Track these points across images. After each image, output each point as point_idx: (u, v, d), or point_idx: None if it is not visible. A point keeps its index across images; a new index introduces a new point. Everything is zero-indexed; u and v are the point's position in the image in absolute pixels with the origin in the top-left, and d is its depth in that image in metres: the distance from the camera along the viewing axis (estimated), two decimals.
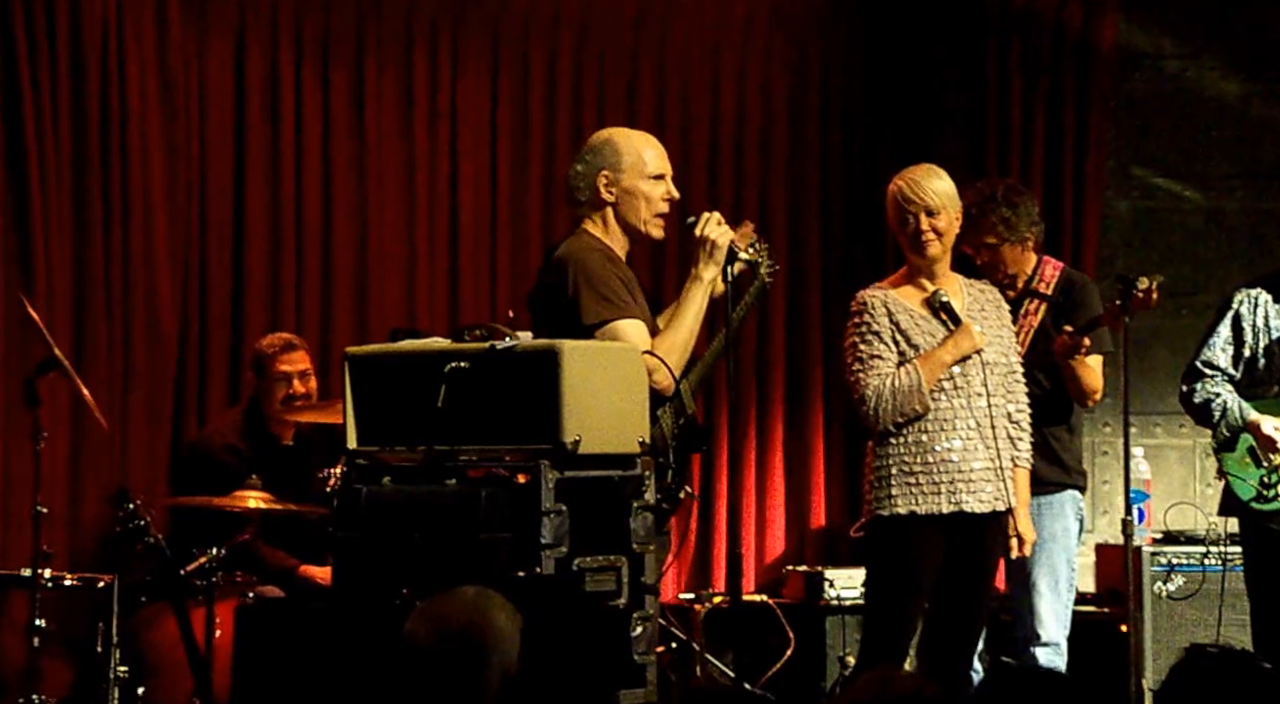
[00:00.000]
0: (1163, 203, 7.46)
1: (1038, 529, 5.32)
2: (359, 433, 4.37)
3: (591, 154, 4.75)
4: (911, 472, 4.92)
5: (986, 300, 5.12)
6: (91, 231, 6.32)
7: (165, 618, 5.46)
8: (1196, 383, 5.46)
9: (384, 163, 6.79)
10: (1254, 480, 5.38)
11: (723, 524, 7.02)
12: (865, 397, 4.94)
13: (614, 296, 4.57)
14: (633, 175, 4.70)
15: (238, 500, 5.64)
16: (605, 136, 4.80)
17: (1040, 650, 5.56)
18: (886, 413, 4.92)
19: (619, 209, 4.72)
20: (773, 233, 7.24)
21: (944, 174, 5.05)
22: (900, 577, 4.94)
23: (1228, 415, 5.40)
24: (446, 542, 4.15)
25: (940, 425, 4.93)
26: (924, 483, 4.91)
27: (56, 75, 6.26)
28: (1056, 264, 5.74)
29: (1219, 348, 5.45)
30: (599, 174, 4.71)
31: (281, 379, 6.02)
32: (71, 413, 6.11)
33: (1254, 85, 7.42)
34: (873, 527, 4.98)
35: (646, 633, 4.26)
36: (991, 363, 4.99)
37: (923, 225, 4.96)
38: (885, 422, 4.92)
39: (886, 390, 4.91)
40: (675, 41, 7.16)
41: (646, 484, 4.27)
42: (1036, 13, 7.25)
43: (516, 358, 4.21)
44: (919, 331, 4.96)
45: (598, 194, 4.72)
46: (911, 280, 5.05)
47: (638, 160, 4.72)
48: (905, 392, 4.90)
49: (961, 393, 4.95)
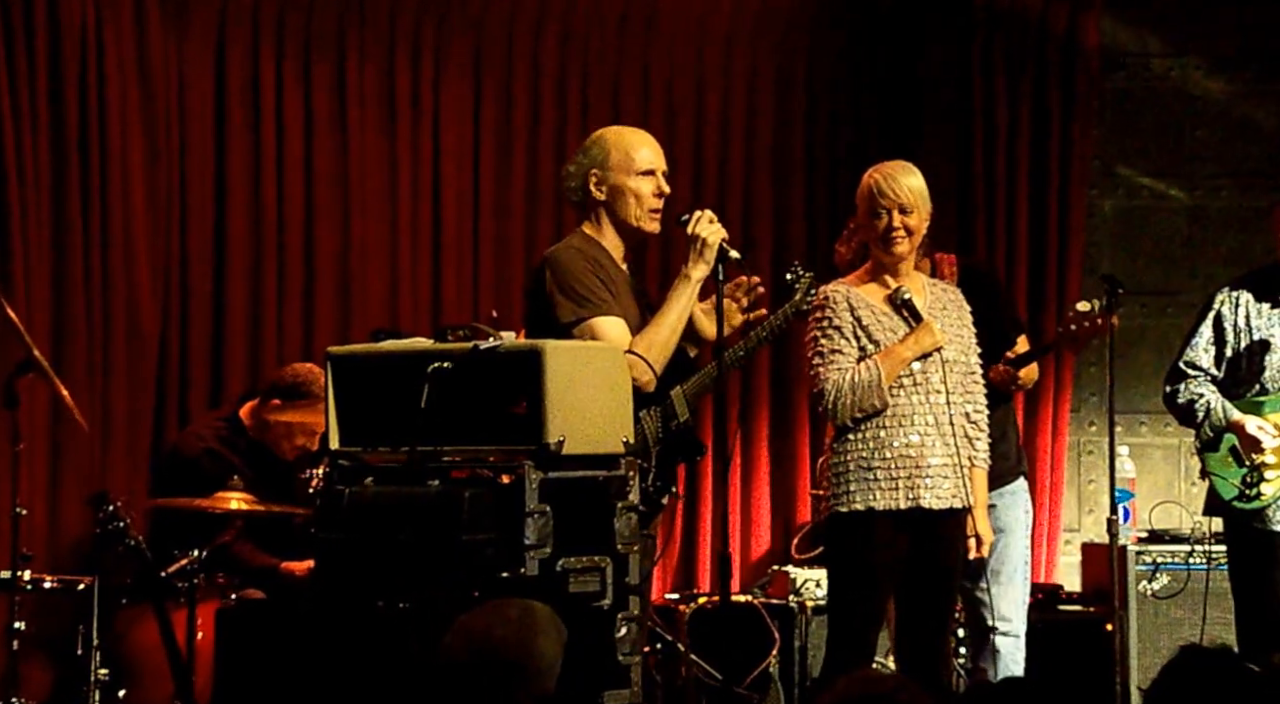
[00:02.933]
0: (1147, 202, 7.47)
1: (993, 522, 5.37)
2: (342, 433, 4.35)
3: (582, 153, 4.79)
4: (870, 467, 4.91)
5: (949, 299, 5.12)
6: (71, 232, 6.28)
7: (146, 620, 5.43)
8: (1180, 384, 5.48)
9: (366, 162, 6.77)
10: (1236, 480, 5.39)
11: (708, 524, 7.01)
12: (825, 391, 4.94)
13: (590, 295, 4.57)
14: (620, 172, 4.72)
15: (219, 502, 5.61)
16: (597, 135, 4.84)
17: (1002, 641, 5.59)
18: (845, 408, 4.91)
19: (611, 207, 4.73)
20: (757, 232, 7.23)
21: (918, 171, 5.04)
22: (861, 572, 4.93)
23: (1211, 415, 5.41)
24: (429, 543, 4.13)
25: (899, 421, 4.93)
26: (882, 478, 4.91)
27: (35, 76, 6.23)
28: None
29: (1201, 348, 5.47)
30: (589, 173, 4.74)
31: (306, 434, 5.92)
32: (51, 414, 6.08)
33: (1238, 84, 7.43)
34: (831, 522, 4.98)
35: (631, 634, 4.25)
36: (951, 361, 4.98)
37: (894, 222, 4.95)
38: (843, 416, 4.92)
39: (846, 385, 4.91)
40: (660, 40, 7.15)
41: (631, 484, 4.26)
42: (1021, 12, 7.25)
43: (499, 358, 4.20)
44: (880, 328, 4.96)
45: (589, 193, 4.74)
46: (875, 277, 5.04)
47: (625, 157, 4.72)
48: (865, 387, 4.90)
49: (920, 390, 4.95)
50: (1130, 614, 6.38)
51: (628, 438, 4.27)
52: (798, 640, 6.39)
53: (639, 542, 4.29)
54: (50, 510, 6.17)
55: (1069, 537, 7.33)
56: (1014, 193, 7.26)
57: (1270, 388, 5.41)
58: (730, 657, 6.14)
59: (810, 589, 6.47)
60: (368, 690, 4.18)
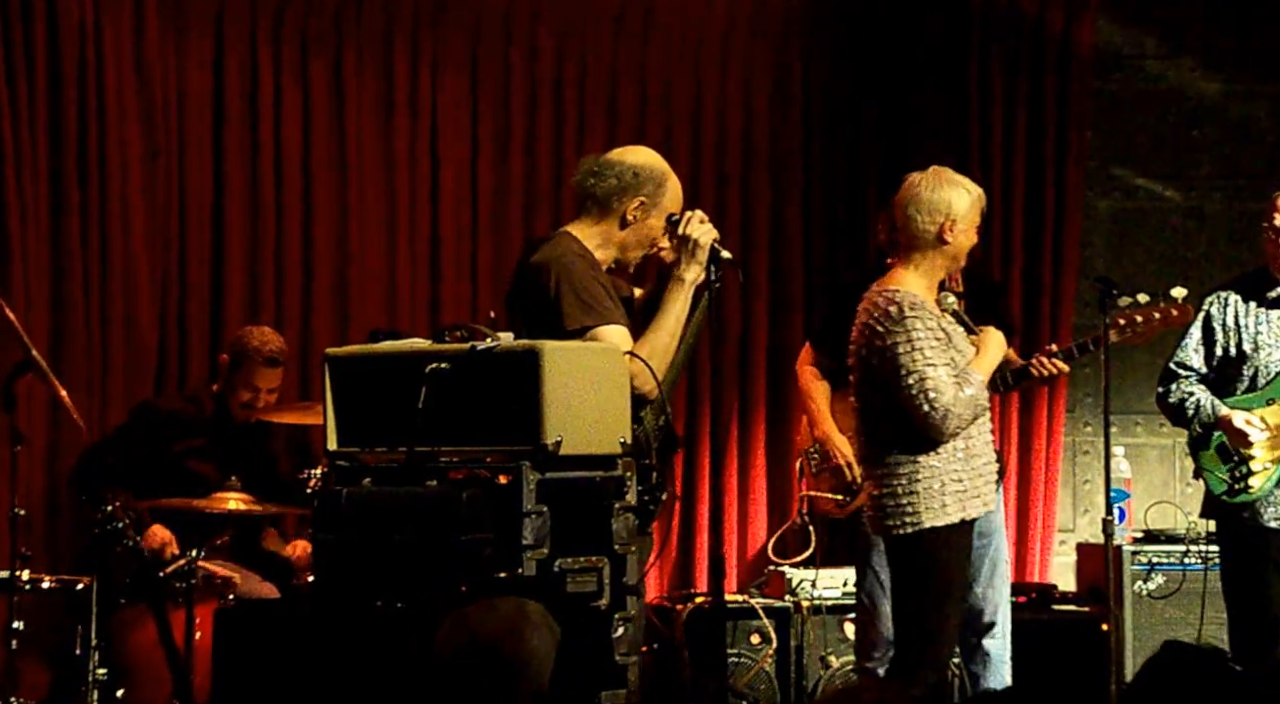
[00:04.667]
0: (1143, 203, 7.48)
1: (989, 524, 5.43)
2: (339, 434, 4.35)
3: (645, 175, 4.64)
4: (959, 479, 4.85)
5: None
6: (69, 233, 6.29)
7: (144, 620, 5.43)
8: (1171, 384, 5.54)
9: (364, 163, 6.77)
10: (1224, 474, 5.43)
11: (705, 524, 7.01)
12: (940, 406, 4.76)
13: (596, 303, 4.54)
14: (659, 215, 4.64)
15: (217, 502, 5.62)
16: (663, 169, 4.68)
17: (991, 643, 5.59)
18: (962, 424, 4.81)
19: (630, 234, 4.66)
20: (755, 232, 7.24)
21: None
22: (952, 584, 4.90)
23: (1200, 412, 5.46)
24: (427, 543, 4.13)
25: (976, 430, 4.89)
26: (968, 489, 4.87)
27: (34, 75, 6.23)
28: None
29: (1191, 349, 5.53)
30: (636, 198, 4.63)
31: (250, 388, 6.01)
32: (49, 415, 6.08)
33: (1234, 86, 7.44)
34: (924, 537, 4.84)
35: (628, 634, 4.25)
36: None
37: (974, 238, 4.92)
38: (953, 432, 4.81)
39: (963, 402, 4.79)
40: (656, 41, 7.15)
41: (628, 485, 4.26)
42: (1018, 14, 7.25)
43: (497, 359, 4.20)
44: (958, 336, 4.90)
45: (623, 211, 4.64)
46: (932, 283, 4.91)
47: (671, 204, 4.65)
48: (975, 401, 4.82)
49: None
50: (1125, 614, 6.38)
51: (625, 438, 4.27)
52: (794, 640, 6.40)
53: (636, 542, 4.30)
54: (49, 511, 6.17)
55: (1064, 537, 7.33)
56: (1010, 193, 7.26)
57: (1260, 385, 5.46)
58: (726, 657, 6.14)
59: (805, 589, 6.48)
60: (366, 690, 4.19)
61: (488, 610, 3.40)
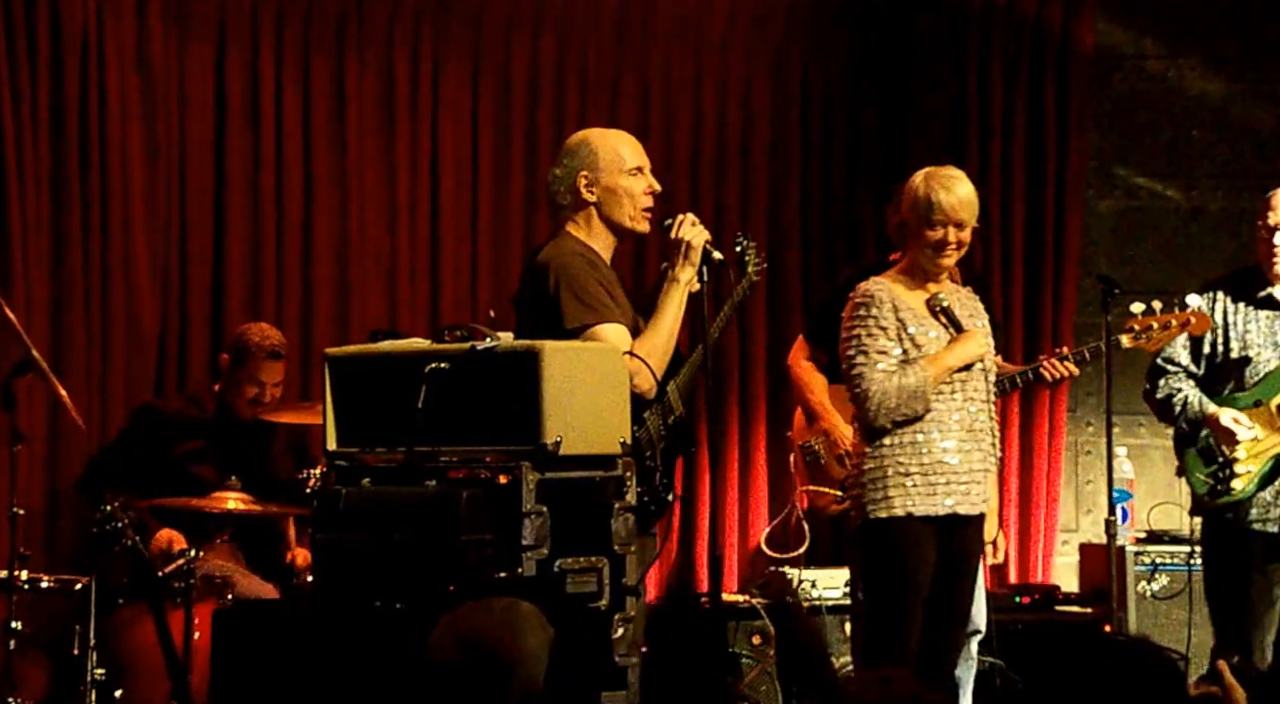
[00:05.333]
0: (1144, 202, 7.47)
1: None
2: (339, 434, 4.35)
3: (569, 156, 4.76)
4: (908, 473, 4.89)
5: (974, 307, 5.13)
6: (70, 233, 6.28)
7: (143, 620, 5.42)
8: (1159, 379, 5.54)
9: (365, 163, 6.77)
10: (1207, 476, 5.42)
11: (705, 524, 7.00)
12: (868, 392, 4.89)
13: (595, 302, 4.58)
14: (612, 173, 4.72)
15: (216, 502, 5.61)
16: (581, 137, 4.82)
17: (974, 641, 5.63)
18: (889, 411, 4.88)
19: (602, 208, 4.73)
20: (754, 232, 7.21)
21: (969, 181, 5.01)
22: (901, 578, 4.92)
23: (1188, 409, 5.46)
24: (427, 543, 4.12)
25: (937, 427, 4.91)
26: (920, 484, 4.89)
27: (36, 76, 6.23)
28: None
29: (1180, 345, 5.53)
30: (578, 175, 4.73)
31: (256, 383, 6.00)
32: (49, 414, 6.08)
33: (1235, 85, 7.43)
34: (867, 529, 4.95)
35: (628, 634, 4.24)
36: (987, 369, 5.01)
37: (950, 238, 4.93)
38: (884, 420, 4.89)
39: (892, 389, 4.88)
40: (657, 42, 7.15)
41: (628, 485, 4.25)
42: (1018, 13, 7.25)
43: (497, 359, 4.19)
44: (923, 332, 4.94)
45: (579, 195, 4.73)
46: (914, 277, 5.01)
47: (615, 157, 4.73)
48: (910, 392, 4.87)
49: (958, 396, 4.95)
50: (1129, 615, 6.37)
51: (625, 438, 4.27)
52: None
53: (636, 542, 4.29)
54: (48, 510, 6.17)
55: (1066, 537, 7.32)
56: (1010, 193, 7.26)
57: (1248, 384, 5.45)
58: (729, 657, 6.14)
59: (806, 589, 6.47)
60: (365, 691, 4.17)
61: (481, 610, 3.40)
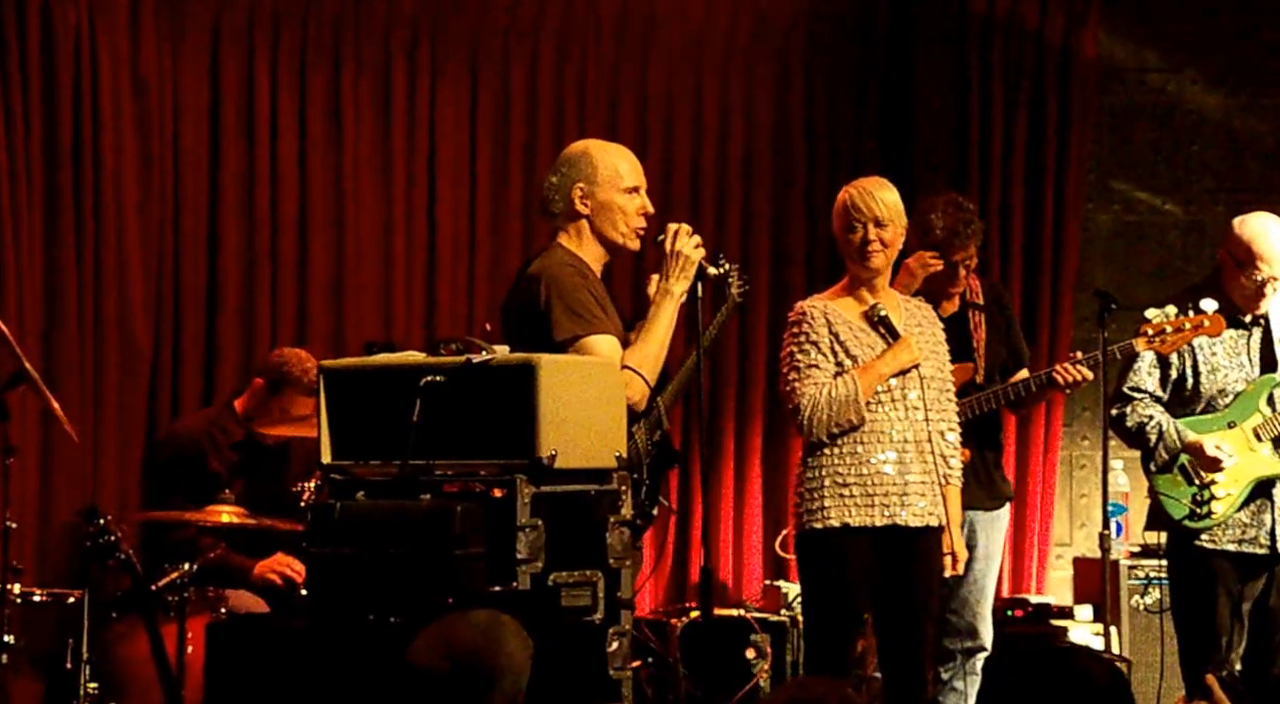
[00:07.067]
0: (1143, 216, 7.46)
1: (984, 545, 5.51)
2: (334, 447, 4.33)
3: (567, 166, 4.74)
4: (845, 483, 4.90)
5: (923, 317, 5.13)
6: (63, 242, 6.26)
7: (136, 634, 5.40)
8: (1126, 407, 5.53)
9: (361, 174, 6.75)
10: (1186, 499, 5.41)
11: (699, 538, 6.98)
12: (800, 406, 4.93)
13: (585, 313, 4.56)
14: (608, 188, 4.70)
15: (210, 515, 5.59)
16: (581, 149, 4.79)
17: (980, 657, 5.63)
18: (821, 423, 4.90)
19: (595, 222, 4.72)
20: (755, 246, 7.22)
21: (893, 187, 5.06)
22: (836, 590, 4.91)
23: (1165, 439, 5.44)
24: (421, 557, 4.11)
25: (876, 438, 4.92)
26: (857, 495, 4.89)
27: (28, 82, 6.21)
28: (973, 275, 5.79)
29: (1145, 371, 5.52)
30: (574, 187, 4.71)
31: (290, 420, 5.90)
32: (41, 426, 6.05)
33: (1235, 99, 7.43)
34: (804, 539, 4.96)
35: (622, 648, 4.23)
36: (928, 378, 4.99)
37: (870, 235, 4.96)
38: (819, 431, 4.91)
39: (822, 400, 4.90)
40: (657, 51, 7.14)
41: (623, 499, 4.24)
42: (1019, 26, 7.25)
43: (492, 372, 4.18)
44: (858, 343, 4.97)
45: (573, 206, 4.72)
46: (852, 292, 5.05)
47: (613, 173, 4.71)
48: (841, 402, 4.89)
49: (898, 406, 4.94)
50: (1123, 629, 6.36)
51: (620, 452, 4.26)
52: (789, 655, 6.37)
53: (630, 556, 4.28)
54: (40, 524, 6.14)
55: (1060, 551, 7.31)
56: (1009, 206, 7.25)
57: (1216, 407, 5.44)
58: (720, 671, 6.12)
59: None
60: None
61: (463, 621, 3.40)
